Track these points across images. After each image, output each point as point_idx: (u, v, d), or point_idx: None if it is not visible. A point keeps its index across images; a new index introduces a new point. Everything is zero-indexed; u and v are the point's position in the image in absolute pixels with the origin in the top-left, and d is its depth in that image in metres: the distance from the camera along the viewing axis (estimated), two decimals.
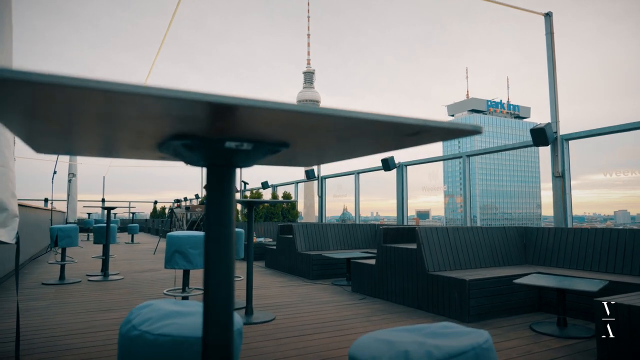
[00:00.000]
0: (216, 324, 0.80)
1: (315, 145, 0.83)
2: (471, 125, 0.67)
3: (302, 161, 1.04)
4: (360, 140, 0.78)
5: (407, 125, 0.64)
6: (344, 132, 0.70)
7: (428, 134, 0.69)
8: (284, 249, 7.18)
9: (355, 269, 5.23)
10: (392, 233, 4.93)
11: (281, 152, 0.88)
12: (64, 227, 5.93)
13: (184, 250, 3.53)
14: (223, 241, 0.82)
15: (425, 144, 0.78)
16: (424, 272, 4.18)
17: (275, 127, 0.68)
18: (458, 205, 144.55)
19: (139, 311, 1.26)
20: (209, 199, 0.81)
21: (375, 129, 0.68)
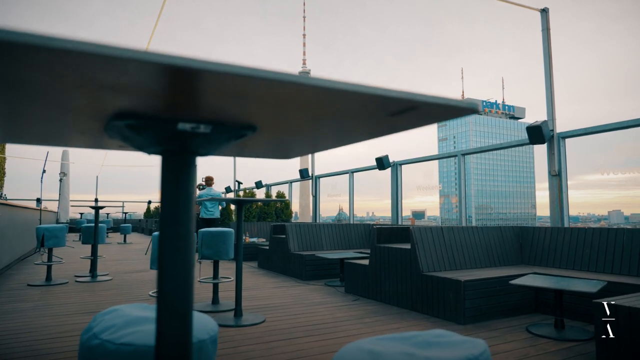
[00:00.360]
0: (171, 335, 0.69)
1: (287, 129, 0.72)
2: (467, 102, 0.57)
3: (276, 151, 0.93)
4: (341, 123, 0.67)
5: (394, 100, 0.53)
6: (319, 110, 0.59)
7: (419, 112, 0.58)
8: (276, 249, 7.06)
9: (349, 270, 5.13)
10: (385, 233, 4.82)
11: (251, 139, 0.77)
12: (51, 227, 5.78)
13: None
14: (179, 242, 0.71)
15: (419, 126, 0.68)
16: (418, 273, 4.08)
17: (237, 102, 0.57)
18: (453, 205, 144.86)
19: (102, 317, 1.15)
20: (163, 192, 0.70)
21: (356, 105, 0.57)
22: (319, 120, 0.66)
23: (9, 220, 7.18)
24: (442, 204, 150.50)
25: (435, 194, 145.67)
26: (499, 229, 4.79)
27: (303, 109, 0.60)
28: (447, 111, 0.58)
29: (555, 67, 5.08)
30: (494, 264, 4.58)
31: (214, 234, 4.20)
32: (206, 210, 8.56)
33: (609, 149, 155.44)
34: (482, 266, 4.49)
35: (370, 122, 0.67)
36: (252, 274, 6.80)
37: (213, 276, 4.36)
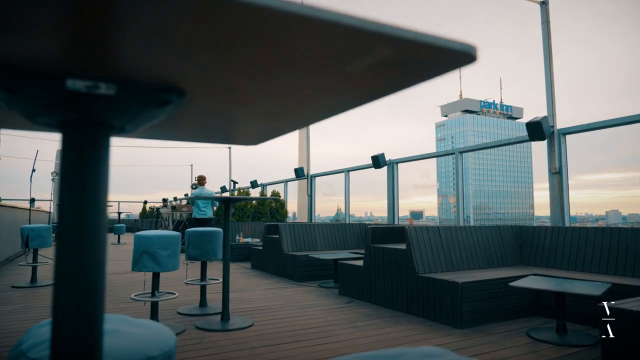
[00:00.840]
0: (72, 354, 0.52)
1: (228, 94, 0.55)
2: (459, 43, 0.40)
3: (222, 131, 0.76)
4: (301, 80, 0.50)
5: (360, 32, 0.37)
6: (267, 57, 0.43)
7: (396, 59, 0.42)
8: (270, 249, 6.89)
9: (343, 271, 4.96)
10: (380, 233, 4.66)
11: (185, 112, 0.61)
12: (36, 227, 5.60)
13: (152, 251, 3.24)
14: (84, 242, 0.54)
15: (406, 86, 0.51)
16: (414, 274, 3.92)
17: (149, 48, 0.40)
18: (451, 205, 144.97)
19: (36, 330, 0.98)
20: (63, 178, 0.53)
21: (314, 51, 0.40)
22: (270, 79, 0.50)
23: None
24: (440, 204, 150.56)
25: (433, 194, 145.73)
26: (498, 229, 4.63)
27: (243, 59, 0.43)
28: (433, 57, 0.41)
29: (554, 66, 4.92)
30: (492, 265, 4.42)
31: (201, 234, 4.03)
32: (198, 210, 8.39)
33: (607, 148, 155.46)
34: (481, 267, 4.33)
35: (329, 77, 0.50)
36: (244, 275, 6.63)
37: (200, 278, 4.19)
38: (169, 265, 3.30)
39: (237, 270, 7.22)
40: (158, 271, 3.28)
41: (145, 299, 3.40)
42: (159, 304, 4.18)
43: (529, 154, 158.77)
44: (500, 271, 4.10)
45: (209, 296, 4.56)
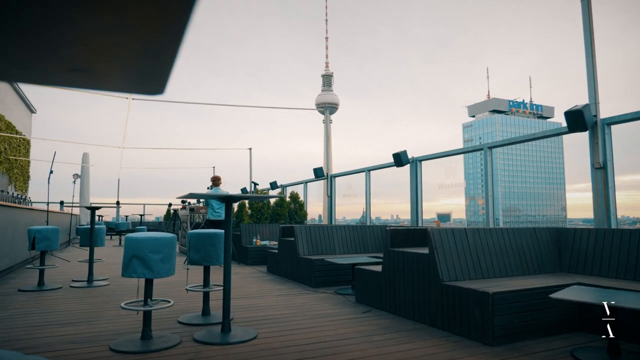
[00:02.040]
0: None
1: None
2: None
3: None
4: None
5: None
6: None
7: None
8: (285, 252, 6.55)
9: (360, 277, 4.56)
10: (401, 235, 4.24)
11: None
12: (42, 229, 5.41)
13: (142, 255, 2.92)
14: None
15: None
16: (438, 282, 3.48)
17: None
18: (480, 207, 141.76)
19: None
20: None
21: None
22: None
23: (10, 222, 6.89)
24: (467, 205, 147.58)
25: (460, 195, 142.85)
26: (533, 231, 4.14)
27: None
28: None
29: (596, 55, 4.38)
30: (527, 272, 3.93)
31: (203, 236, 3.70)
32: (213, 211, 8.12)
33: None
34: (514, 275, 3.85)
35: None
36: (258, 280, 6.30)
37: (203, 284, 3.87)
38: (161, 271, 2.97)
39: (252, 275, 6.90)
40: (149, 277, 2.96)
41: (136, 307, 3.08)
42: (158, 313, 3.87)
43: (560, 153, 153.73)
44: (536, 279, 3.62)
45: (217, 303, 4.23)
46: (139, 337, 3.09)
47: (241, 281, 6.18)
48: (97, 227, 6.46)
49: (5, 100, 18.61)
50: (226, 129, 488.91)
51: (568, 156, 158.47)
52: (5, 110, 18.47)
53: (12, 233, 6.92)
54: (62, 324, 3.62)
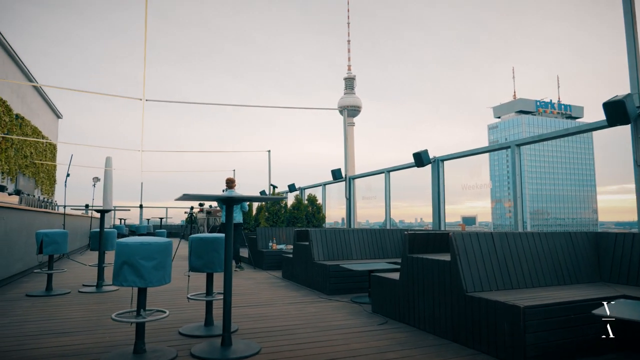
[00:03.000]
0: None
1: None
2: None
3: None
4: None
5: None
6: None
7: None
8: (300, 257, 6.26)
9: (376, 285, 4.23)
10: (420, 240, 3.89)
11: None
12: (50, 232, 5.27)
13: (134, 261, 2.68)
14: None
15: None
16: (461, 293, 3.13)
17: None
18: (506, 209, 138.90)
19: None
20: None
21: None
22: None
23: (24, 225, 6.82)
24: (493, 208, 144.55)
25: (486, 198, 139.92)
26: (569, 236, 3.73)
27: None
28: None
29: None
30: (562, 282, 3.53)
31: (206, 241, 3.45)
32: None
33: None
34: (547, 285, 3.45)
35: None
36: (271, 286, 6.02)
37: (206, 292, 3.61)
38: (153, 279, 2.72)
39: (266, 280, 6.64)
40: (140, 286, 2.71)
41: (128, 319, 2.84)
42: (158, 323, 3.63)
43: (590, 153, 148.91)
44: (573, 290, 3.22)
45: (217, 312, 3.97)
46: (131, 350, 2.84)
47: (254, 287, 5.92)
48: (108, 230, 6.31)
49: (31, 105, 18.99)
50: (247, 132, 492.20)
51: (599, 156, 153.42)
52: (32, 115, 18.83)
53: (26, 237, 6.85)
54: (57, 334, 3.42)
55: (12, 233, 6.15)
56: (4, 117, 14.62)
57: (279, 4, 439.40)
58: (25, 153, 17.36)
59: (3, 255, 5.94)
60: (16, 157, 16.14)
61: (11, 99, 15.85)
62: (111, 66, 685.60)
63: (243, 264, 9.03)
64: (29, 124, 17.87)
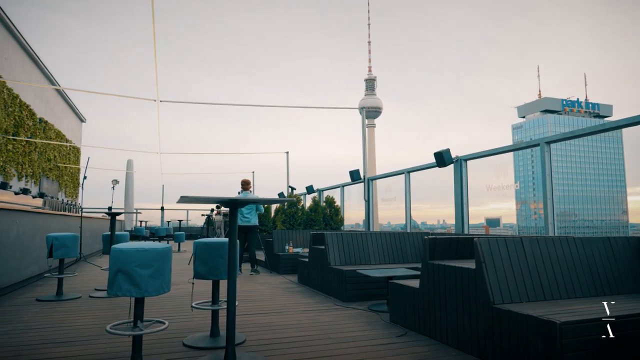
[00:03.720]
0: None
1: None
2: None
3: None
4: None
5: None
6: None
7: None
8: (315, 262, 6.02)
9: (395, 293, 3.95)
10: (442, 245, 3.60)
11: None
12: (60, 236, 5.17)
13: (129, 269, 2.48)
14: None
15: None
16: (488, 305, 2.83)
17: None
18: (532, 211, 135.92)
19: None
20: None
21: None
22: None
23: (38, 229, 6.78)
24: (518, 210, 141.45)
25: (511, 199, 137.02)
26: (607, 241, 3.39)
27: None
28: None
29: None
30: (601, 292, 3.19)
31: (211, 246, 3.24)
32: (242, 216, 7.72)
33: None
34: (584, 295, 3.12)
35: None
36: (285, 292, 5.79)
37: (212, 300, 3.40)
38: (150, 288, 2.52)
39: (281, 285, 6.42)
40: (137, 295, 2.51)
41: (123, 331, 2.65)
42: (162, 333, 3.44)
43: (619, 152, 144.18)
44: (616, 303, 2.88)
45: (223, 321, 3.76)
46: None
47: (267, 292, 5.71)
48: (120, 234, 6.20)
49: (55, 109, 19.31)
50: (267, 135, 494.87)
51: (629, 154, 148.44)
52: (55, 119, 19.15)
53: (40, 240, 6.80)
54: (57, 343, 3.26)
55: (24, 236, 6.09)
56: (27, 121, 14.86)
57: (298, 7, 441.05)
58: (49, 156, 17.63)
59: (16, 259, 5.88)
60: (40, 160, 16.39)
61: (35, 103, 16.13)
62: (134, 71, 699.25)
63: (260, 267, 8.85)
64: (52, 127, 18.17)
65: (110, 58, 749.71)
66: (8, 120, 13.18)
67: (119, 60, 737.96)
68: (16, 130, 13.85)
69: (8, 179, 13.38)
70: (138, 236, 17.36)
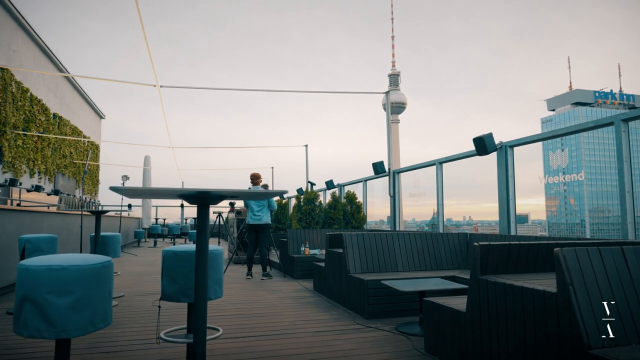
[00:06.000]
0: None
1: None
2: None
3: None
4: None
5: None
6: None
7: None
8: (333, 267, 5.14)
9: (432, 313, 3.03)
10: (498, 254, 2.66)
11: None
12: (33, 238, 4.44)
13: (37, 297, 1.66)
14: None
15: None
16: (579, 347, 1.89)
17: None
18: (562, 206, 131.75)
19: None
20: None
21: None
22: None
23: (27, 228, 6.12)
24: (548, 205, 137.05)
25: (539, 194, 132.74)
26: None
27: None
28: None
29: None
30: None
31: (182, 257, 2.39)
32: (252, 214, 6.90)
33: None
34: None
35: None
36: (297, 304, 4.93)
37: (187, 328, 2.56)
38: (70, 326, 1.69)
39: (294, 293, 5.56)
40: (50, 337, 1.68)
41: None
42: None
43: None
44: None
45: (213, 347, 2.91)
46: None
47: (276, 304, 4.85)
48: (112, 234, 5.45)
49: (70, 105, 18.96)
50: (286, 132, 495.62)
51: None
52: (71, 115, 18.81)
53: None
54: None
55: (4, 236, 5.41)
56: (39, 115, 14.45)
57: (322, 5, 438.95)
58: (64, 153, 17.27)
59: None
60: (54, 156, 16.01)
61: (48, 98, 15.74)
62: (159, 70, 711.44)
63: (274, 270, 8.02)
64: (68, 123, 17.80)
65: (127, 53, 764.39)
66: (17, 115, 12.74)
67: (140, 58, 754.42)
68: (26, 125, 13.43)
69: (18, 176, 12.95)
70: (154, 234, 16.85)
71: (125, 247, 14.48)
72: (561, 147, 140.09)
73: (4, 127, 11.88)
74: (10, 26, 12.85)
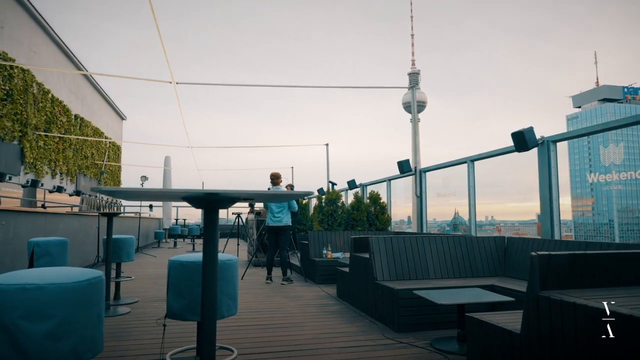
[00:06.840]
0: None
1: None
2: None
3: None
4: None
5: None
6: None
7: None
8: (358, 273, 4.77)
9: (477, 332, 2.64)
10: (561, 265, 2.25)
11: None
12: (42, 241, 4.19)
13: (7, 323, 1.35)
14: None
15: None
16: None
17: None
18: (589, 206, 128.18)
19: None
20: None
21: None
22: None
23: (38, 230, 5.94)
24: (574, 206, 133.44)
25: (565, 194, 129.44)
26: None
27: None
28: None
29: None
30: None
31: (189, 268, 2.06)
32: (272, 216, 6.58)
33: None
34: None
35: None
36: (320, 312, 4.58)
37: (197, 350, 2.23)
38: (47, 357, 1.37)
39: (316, 300, 5.21)
40: None
41: None
42: None
43: None
44: None
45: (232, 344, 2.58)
46: None
47: (297, 313, 4.51)
48: (125, 237, 5.20)
49: (92, 106, 19.05)
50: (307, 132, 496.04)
51: None
52: (93, 116, 18.88)
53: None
54: None
55: (15, 239, 5.21)
56: (60, 117, 14.47)
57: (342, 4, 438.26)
58: (86, 154, 17.32)
59: (5, 265, 5.03)
60: (75, 157, 16.05)
61: (69, 99, 15.78)
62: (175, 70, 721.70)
63: (295, 273, 7.70)
64: (89, 124, 17.86)
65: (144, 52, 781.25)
66: (39, 116, 12.75)
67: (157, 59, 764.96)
68: (48, 126, 13.44)
69: (40, 177, 12.97)
70: (174, 235, 16.75)
71: (145, 248, 14.39)
72: (588, 145, 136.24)
73: (25, 128, 11.87)
74: (31, 27, 12.87)
